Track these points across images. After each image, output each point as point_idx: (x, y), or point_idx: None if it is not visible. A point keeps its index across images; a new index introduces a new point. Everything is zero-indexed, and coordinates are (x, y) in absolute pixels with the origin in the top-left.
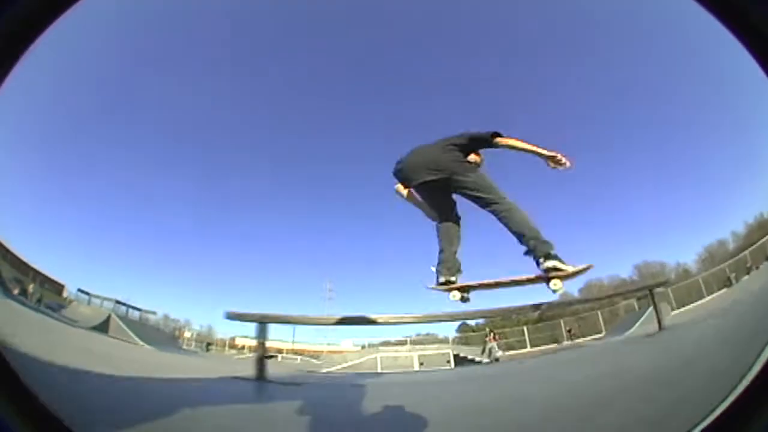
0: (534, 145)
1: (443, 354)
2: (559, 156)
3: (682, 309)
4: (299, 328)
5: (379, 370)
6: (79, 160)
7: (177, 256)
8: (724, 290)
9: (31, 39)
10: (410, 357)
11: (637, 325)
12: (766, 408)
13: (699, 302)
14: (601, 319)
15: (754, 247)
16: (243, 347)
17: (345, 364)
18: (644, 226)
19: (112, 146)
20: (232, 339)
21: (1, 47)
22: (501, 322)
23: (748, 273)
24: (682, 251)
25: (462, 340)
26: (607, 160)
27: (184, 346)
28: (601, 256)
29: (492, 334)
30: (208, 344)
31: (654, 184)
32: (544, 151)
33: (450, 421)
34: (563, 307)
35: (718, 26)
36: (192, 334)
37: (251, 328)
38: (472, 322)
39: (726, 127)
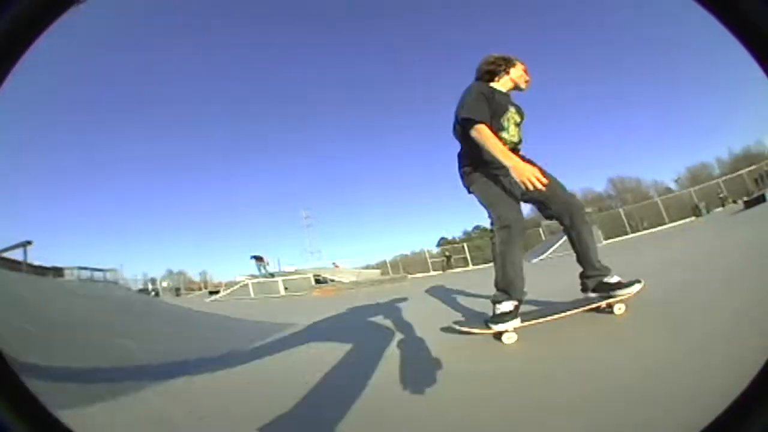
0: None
1: (305, 279)
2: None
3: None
4: None
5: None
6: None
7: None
8: (691, 219)
9: (31, 39)
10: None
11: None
12: (766, 408)
13: (658, 229)
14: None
15: (730, 176)
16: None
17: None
18: (627, 139)
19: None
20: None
21: (1, 47)
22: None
23: (722, 205)
24: (662, 170)
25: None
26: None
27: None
28: (575, 167)
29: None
30: (177, 289)
31: (643, 97)
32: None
33: None
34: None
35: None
36: (169, 284)
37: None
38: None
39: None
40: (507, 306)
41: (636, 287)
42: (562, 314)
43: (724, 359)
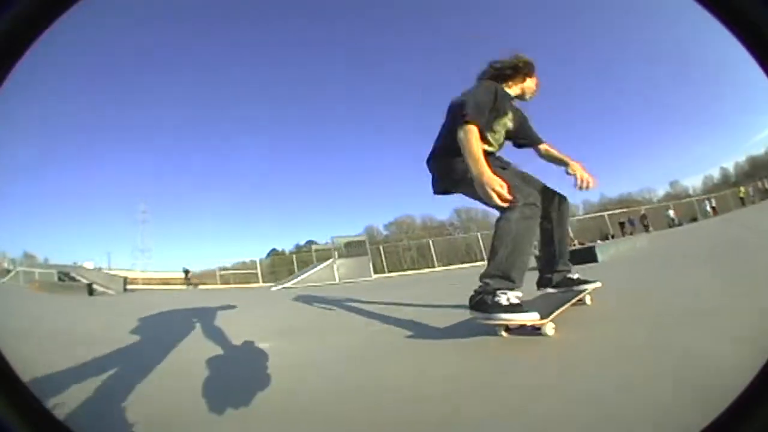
0: (564, 158)
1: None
2: (582, 180)
3: None
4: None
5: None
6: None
7: None
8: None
9: (32, 39)
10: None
11: None
12: (766, 408)
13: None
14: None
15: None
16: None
17: None
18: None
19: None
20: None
21: (1, 47)
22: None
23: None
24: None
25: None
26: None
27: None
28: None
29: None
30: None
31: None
32: (571, 170)
33: None
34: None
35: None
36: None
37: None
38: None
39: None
40: (517, 295)
41: (598, 283)
42: (568, 305)
43: (723, 359)
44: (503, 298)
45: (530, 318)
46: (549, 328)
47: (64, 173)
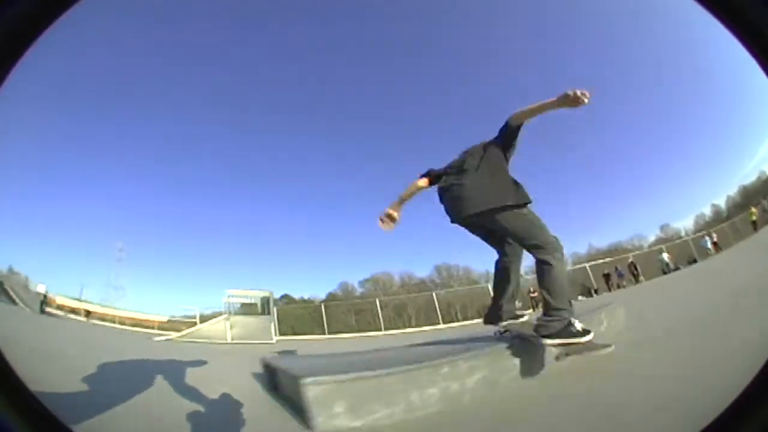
0: (540, 102)
1: None
2: (571, 93)
3: None
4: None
5: None
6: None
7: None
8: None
9: (32, 39)
10: None
11: None
12: (766, 408)
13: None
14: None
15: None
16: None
17: None
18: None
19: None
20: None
21: (1, 47)
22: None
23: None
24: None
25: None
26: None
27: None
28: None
29: None
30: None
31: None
32: (555, 101)
33: None
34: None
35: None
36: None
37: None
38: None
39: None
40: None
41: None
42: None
43: (724, 359)
44: (578, 325)
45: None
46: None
47: (55, 190)
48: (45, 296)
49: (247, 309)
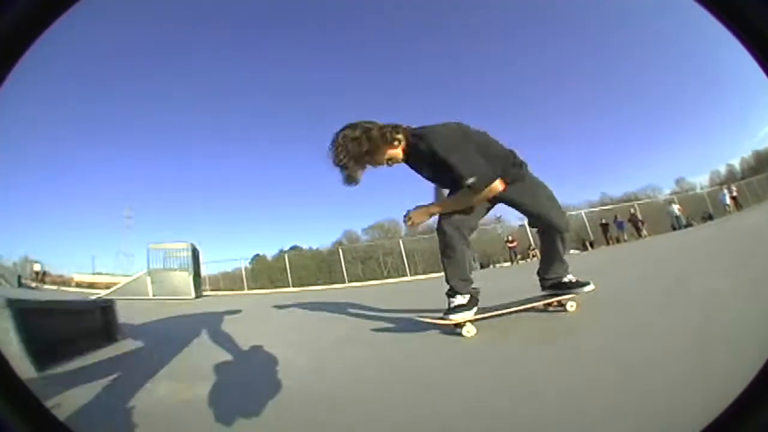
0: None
1: None
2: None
3: None
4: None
5: None
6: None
7: None
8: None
9: (32, 39)
10: None
11: None
12: (766, 408)
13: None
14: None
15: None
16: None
17: None
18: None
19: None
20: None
21: (1, 47)
22: None
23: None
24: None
25: None
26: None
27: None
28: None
29: None
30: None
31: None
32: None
33: None
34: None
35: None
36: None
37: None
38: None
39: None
40: (460, 299)
41: (590, 286)
42: (519, 308)
43: (723, 359)
44: (451, 301)
45: (455, 319)
46: (465, 331)
47: (55, 175)
48: (38, 273)
49: (168, 263)
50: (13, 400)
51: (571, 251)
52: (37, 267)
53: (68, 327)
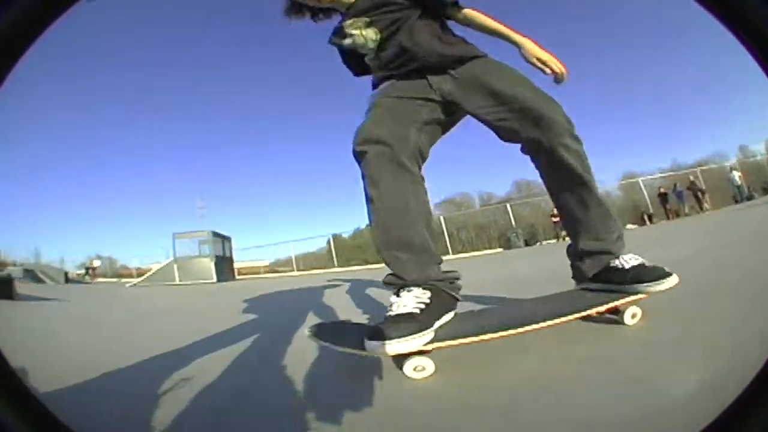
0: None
1: None
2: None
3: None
4: None
5: None
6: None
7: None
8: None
9: (32, 39)
10: None
11: None
12: (767, 408)
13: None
14: None
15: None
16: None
17: None
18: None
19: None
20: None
21: (1, 47)
22: None
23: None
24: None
25: None
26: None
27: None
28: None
29: None
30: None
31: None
32: (517, 37)
33: None
34: None
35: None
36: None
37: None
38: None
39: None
40: (409, 300)
41: (671, 281)
42: (533, 326)
43: (723, 359)
44: (393, 304)
45: (392, 350)
46: (409, 368)
47: (132, 172)
48: (87, 269)
49: (203, 251)
50: (13, 400)
51: (630, 226)
52: (96, 263)
53: None
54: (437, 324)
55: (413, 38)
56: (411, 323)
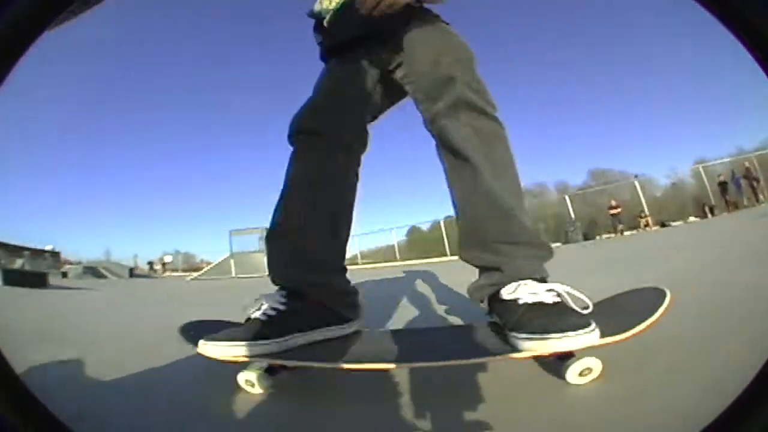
0: None
1: None
2: None
3: None
4: None
5: None
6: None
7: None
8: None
9: (32, 39)
10: None
11: None
12: (767, 408)
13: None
14: None
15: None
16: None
17: None
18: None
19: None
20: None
21: (1, 47)
22: None
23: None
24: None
25: None
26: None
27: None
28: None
29: None
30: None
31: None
32: None
33: None
34: None
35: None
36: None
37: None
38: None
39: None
40: (271, 302)
41: (577, 339)
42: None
43: (723, 359)
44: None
45: (217, 354)
46: (244, 380)
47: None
48: (152, 264)
49: (254, 246)
50: (13, 400)
51: (690, 219)
52: (167, 258)
53: None
54: (284, 338)
55: None
56: (244, 329)
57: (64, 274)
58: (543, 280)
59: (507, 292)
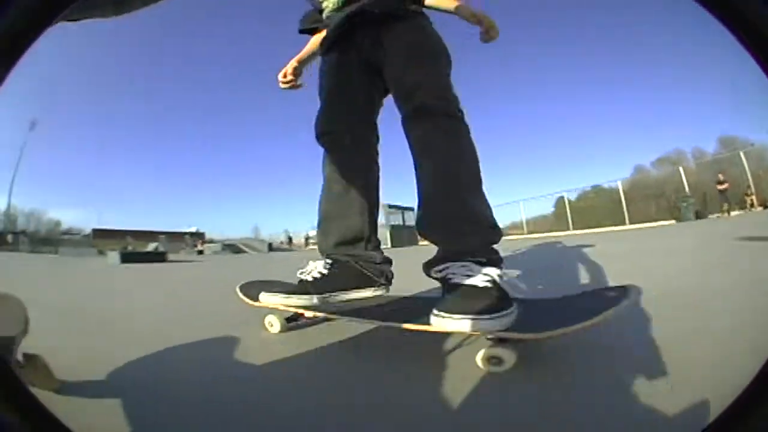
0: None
1: None
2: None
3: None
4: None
5: None
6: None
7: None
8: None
9: (32, 39)
10: None
11: None
12: (767, 408)
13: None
14: None
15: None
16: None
17: None
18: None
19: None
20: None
21: (1, 47)
22: None
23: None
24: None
25: None
26: None
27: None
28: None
29: None
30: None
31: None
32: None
33: None
34: None
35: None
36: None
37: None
38: None
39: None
40: (318, 267)
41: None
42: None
43: (723, 358)
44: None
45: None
46: (268, 323)
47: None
48: (290, 239)
49: (389, 220)
50: (13, 400)
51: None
52: (312, 233)
53: None
54: (323, 295)
55: None
56: (293, 287)
57: (200, 252)
58: (488, 263)
59: (444, 270)
